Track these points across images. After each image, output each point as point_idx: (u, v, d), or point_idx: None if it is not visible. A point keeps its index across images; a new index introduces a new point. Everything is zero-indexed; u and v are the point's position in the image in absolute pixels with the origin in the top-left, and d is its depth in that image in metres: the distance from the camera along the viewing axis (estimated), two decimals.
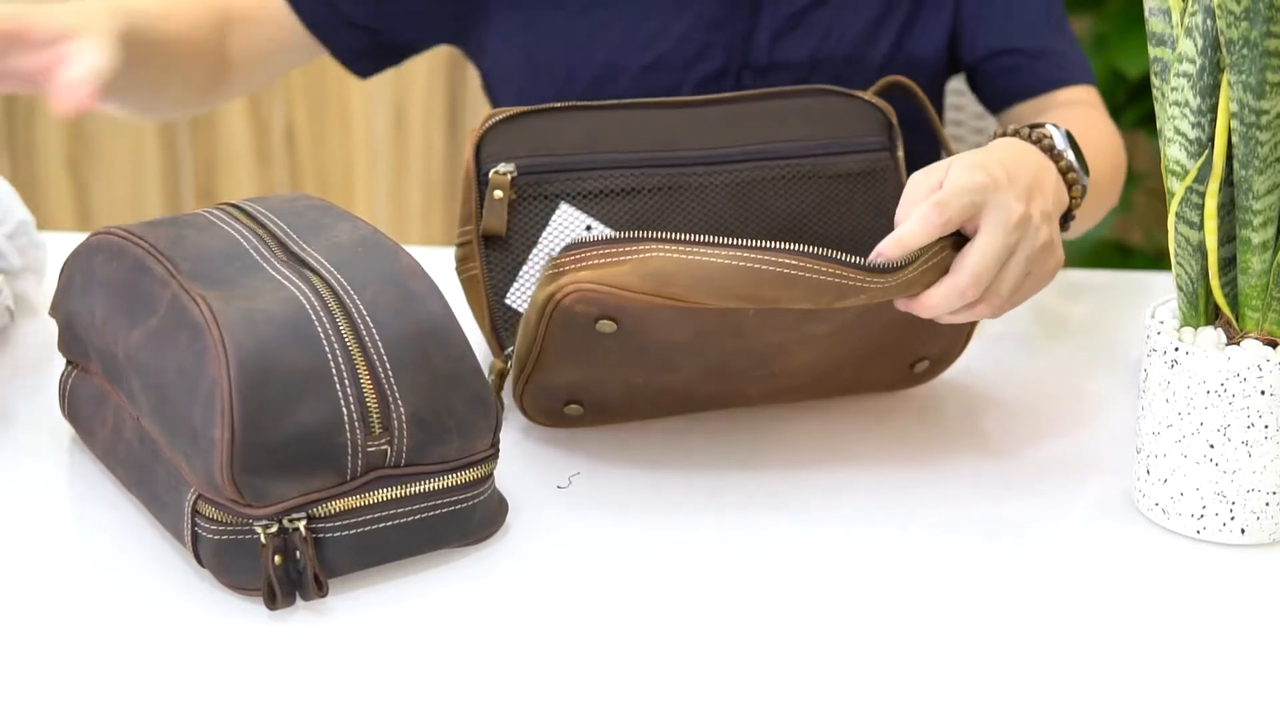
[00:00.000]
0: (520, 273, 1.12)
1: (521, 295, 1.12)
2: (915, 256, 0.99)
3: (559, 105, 1.14)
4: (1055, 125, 1.11)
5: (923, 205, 1.00)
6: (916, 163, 1.27)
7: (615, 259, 0.97)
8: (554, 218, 1.11)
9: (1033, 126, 1.10)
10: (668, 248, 0.96)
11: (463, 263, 1.15)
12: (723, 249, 0.96)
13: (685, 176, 1.13)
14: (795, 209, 1.15)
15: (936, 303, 1.01)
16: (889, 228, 1.14)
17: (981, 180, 1.01)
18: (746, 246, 0.96)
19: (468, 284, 1.15)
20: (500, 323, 1.12)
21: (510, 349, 1.11)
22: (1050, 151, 1.09)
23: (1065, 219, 1.09)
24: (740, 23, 1.35)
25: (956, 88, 1.91)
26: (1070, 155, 1.09)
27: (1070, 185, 1.09)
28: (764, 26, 1.35)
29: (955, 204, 1.00)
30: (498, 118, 1.13)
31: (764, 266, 0.96)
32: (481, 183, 1.11)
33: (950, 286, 1.01)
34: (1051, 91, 1.37)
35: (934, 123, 1.23)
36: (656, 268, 0.96)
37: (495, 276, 1.12)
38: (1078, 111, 1.34)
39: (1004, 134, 1.11)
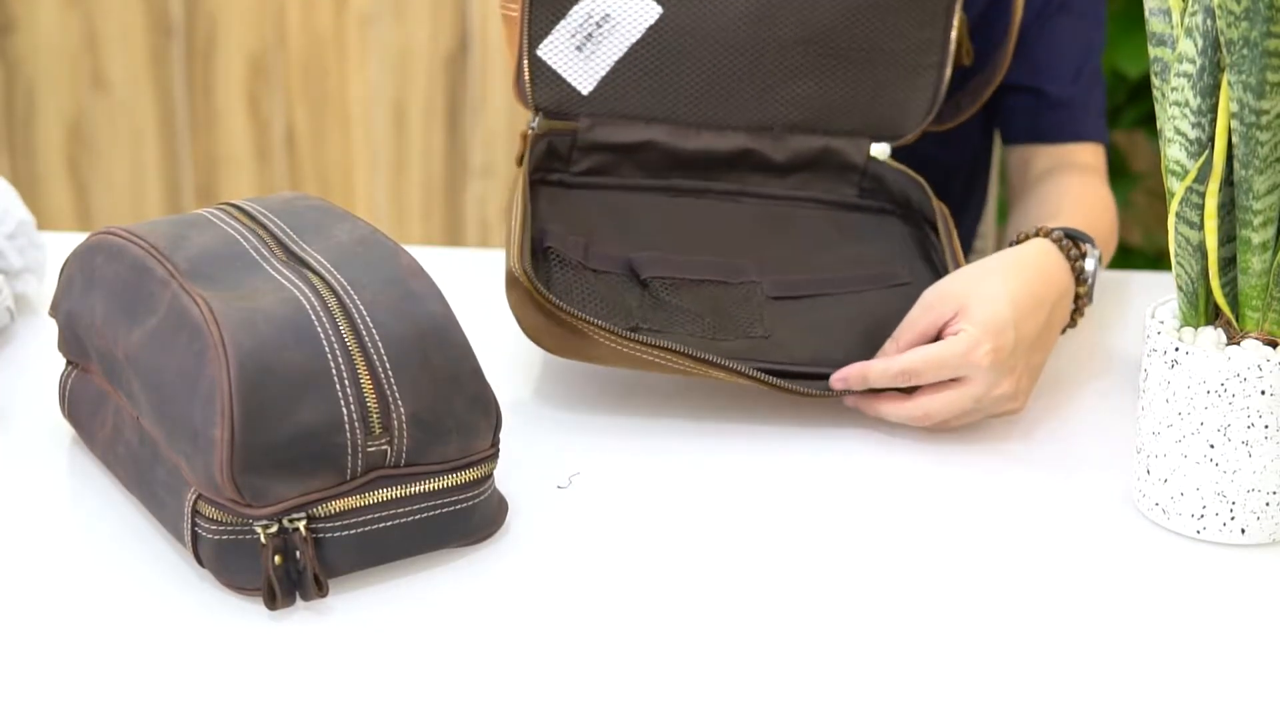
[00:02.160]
0: (557, 27, 1.13)
1: (554, 50, 1.13)
2: (837, 395, 1.10)
3: None
4: (1094, 245, 1.14)
5: (894, 366, 1.07)
6: None
7: (566, 324, 1.05)
8: None
9: (1076, 239, 1.14)
10: (613, 340, 1.05)
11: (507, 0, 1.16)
12: (657, 350, 1.05)
13: None
14: (828, 15, 1.16)
15: (885, 413, 1.11)
16: (922, 38, 1.18)
17: (979, 360, 1.07)
18: (680, 353, 1.05)
19: (508, 22, 1.16)
20: (529, 70, 1.13)
21: (537, 115, 1.14)
22: (1079, 275, 1.13)
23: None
24: None
25: None
26: (1092, 279, 1.14)
27: (1078, 307, 1.14)
28: None
29: (926, 377, 1.08)
30: None
31: (692, 371, 1.06)
32: None
33: (904, 412, 1.10)
34: (1065, 144, 1.38)
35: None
36: (594, 353, 1.06)
37: (535, 24, 1.13)
38: (1088, 184, 1.34)
39: (1056, 239, 1.13)
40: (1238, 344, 0.99)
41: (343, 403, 0.90)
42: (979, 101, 1.30)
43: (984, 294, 1.08)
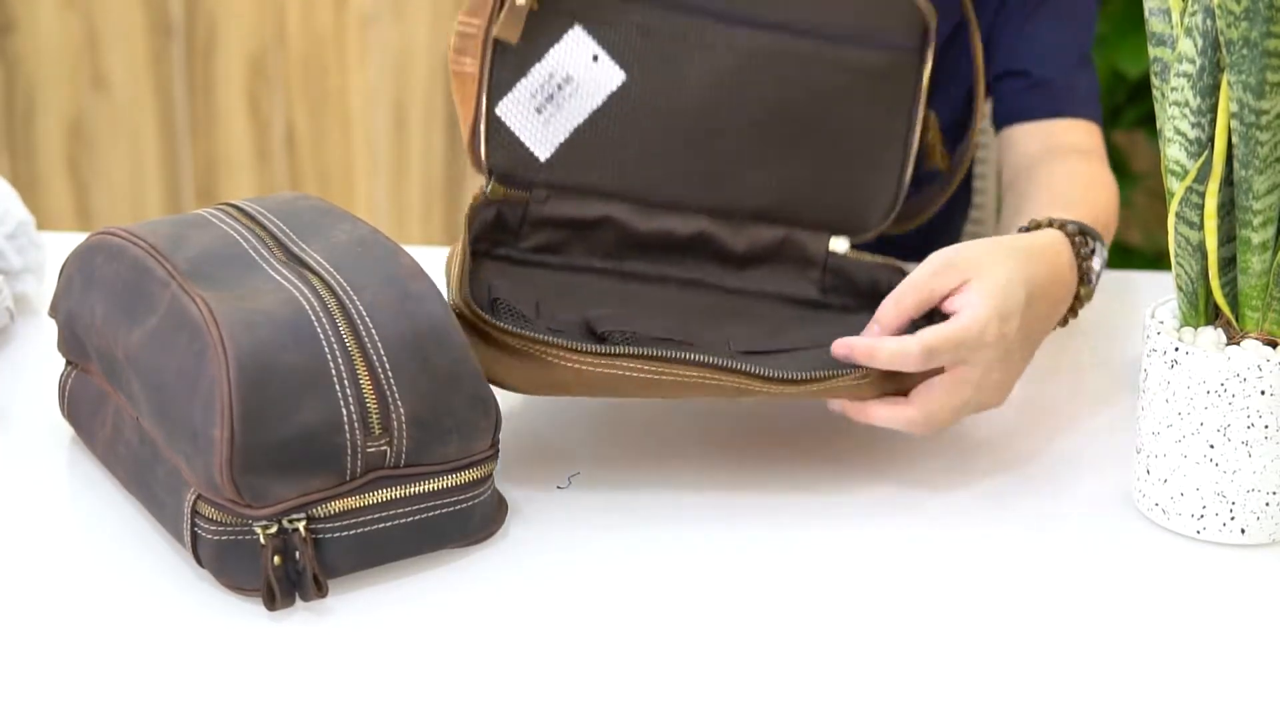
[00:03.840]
0: (517, 85, 1.09)
1: (513, 110, 1.09)
2: (827, 375, 0.99)
3: None
4: (1102, 244, 1.11)
5: (913, 346, 1.00)
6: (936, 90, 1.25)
7: (514, 351, 0.97)
8: (565, 37, 1.08)
9: (1087, 235, 1.11)
10: (571, 358, 0.96)
11: (459, 54, 1.11)
12: (622, 360, 0.96)
13: (703, 30, 1.10)
14: (792, 94, 1.12)
15: (877, 417, 1.03)
16: (886, 130, 1.13)
17: (986, 338, 1.01)
18: (647, 357, 0.96)
19: (459, 78, 1.11)
20: (486, 128, 1.09)
21: (490, 179, 1.09)
22: (1084, 275, 1.09)
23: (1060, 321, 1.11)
24: None
25: None
26: (1096, 279, 1.10)
27: (1073, 308, 1.10)
28: None
29: (942, 358, 1.01)
30: None
31: (663, 378, 0.97)
32: None
33: (901, 417, 1.02)
34: (1056, 120, 1.34)
35: (976, 68, 1.19)
36: (558, 379, 0.97)
37: (496, 80, 1.09)
38: (1091, 169, 1.30)
39: (1070, 233, 1.10)
40: (1238, 344, 0.99)
41: (342, 403, 0.90)
42: (937, 204, 1.26)
43: (997, 272, 1.03)
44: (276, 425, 0.88)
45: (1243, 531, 1.00)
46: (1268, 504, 0.99)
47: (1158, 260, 2.37)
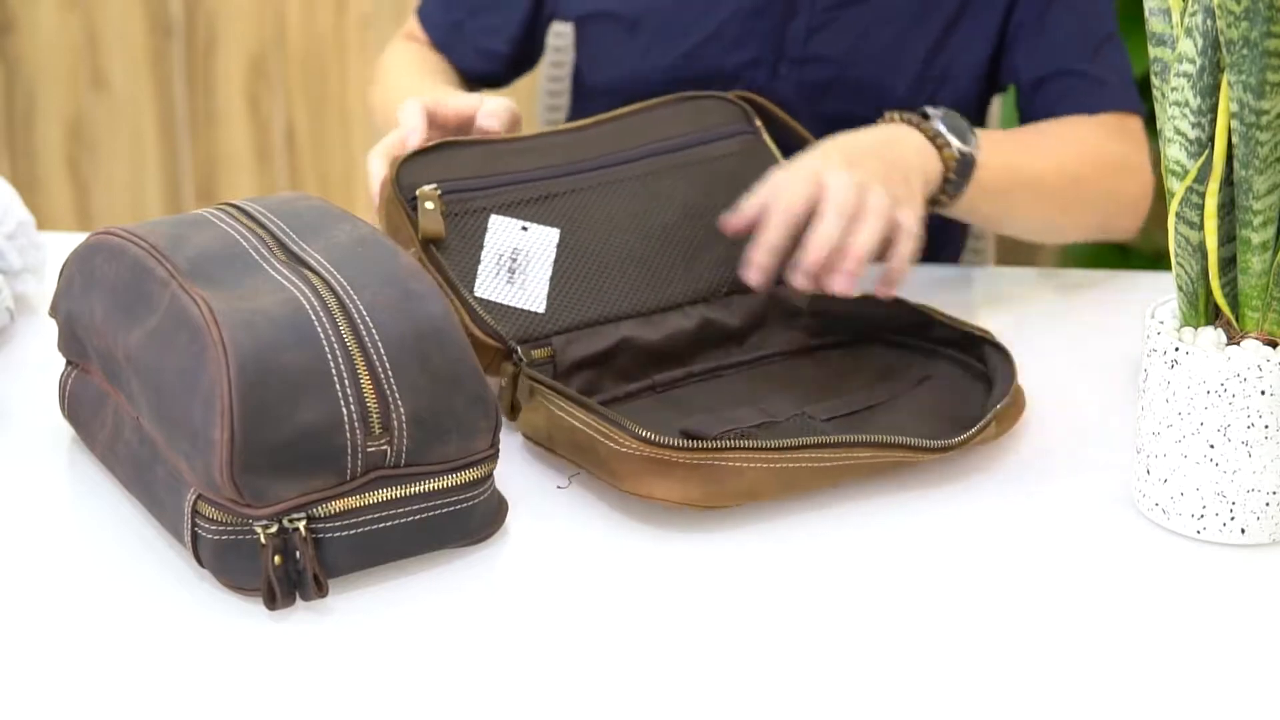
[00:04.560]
0: (479, 271, 1.13)
1: (488, 288, 1.13)
2: (974, 434, 1.06)
3: (455, 140, 1.18)
4: (948, 118, 1.23)
5: (771, 221, 1.14)
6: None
7: (698, 467, 0.99)
8: (490, 226, 1.15)
9: (927, 115, 1.24)
10: (754, 457, 0.99)
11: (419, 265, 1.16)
12: (803, 451, 1.00)
13: (591, 179, 1.20)
14: (691, 192, 1.21)
15: (760, 244, 1.15)
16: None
17: (810, 167, 1.15)
18: (822, 445, 1.01)
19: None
20: (482, 312, 1.12)
21: (518, 348, 1.12)
22: (933, 138, 1.22)
23: (954, 185, 1.23)
24: (776, 15, 1.37)
25: None
26: (940, 126, 1.22)
27: (941, 150, 1.22)
28: (800, 21, 1.37)
29: (794, 204, 1.14)
30: (405, 154, 1.16)
31: (839, 464, 1.02)
32: (410, 201, 1.14)
33: (751, 206, 1.16)
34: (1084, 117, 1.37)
35: (793, 132, 1.30)
36: (749, 485, 1.00)
37: (460, 276, 1.13)
38: (1071, 123, 1.35)
39: (903, 118, 1.24)
40: (1238, 344, 0.99)
41: (342, 403, 0.90)
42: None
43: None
44: (276, 425, 0.88)
45: (1243, 531, 0.99)
46: (1268, 504, 0.99)
47: (1158, 260, 2.37)
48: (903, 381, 1.16)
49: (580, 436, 1.02)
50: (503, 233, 1.15)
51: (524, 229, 1.15)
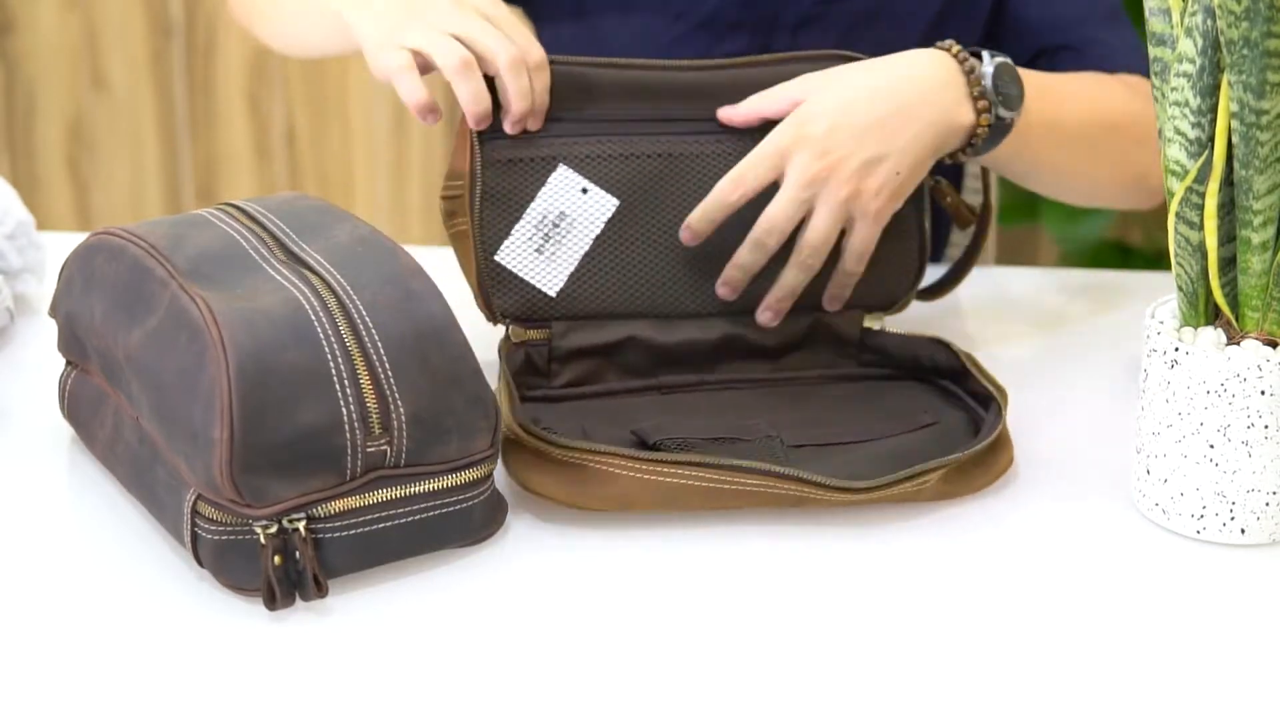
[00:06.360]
0: (513, 230, 1.10)
1: (513, 254, 1.10)
2: (889, 482, 0.99)
3: (554, 59, 1.11)
4: (993, 55, 1.12)
5: (723, 181, 1.09)
6: None
7: (572, 466, 0.98)
8: (551, 178, 1.10)
9: (973, 53, 1.13)
10: (626, 465, 0.98)
11: (450, 217, 1.12)
12: (679, 469, 0.97)
13: (681, 144, 1.12)
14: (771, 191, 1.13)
15: (735, 262, 1.10)
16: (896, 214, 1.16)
17: (779, 144, 1.08)
18: (708, 465, 0.98)
19: (456, 238, 1.12)
20: (488, 279, 1.10)
21: (507, 324, 1.10)
22: (966, 67, 1.11)
23: (977, 149, 1.13)
24: (766, 6, 1.33)
25: None
26: (989, 84, 1.11)
27: (980, 114, 1.11)
28: (790, 13, 1.33)
29: (751, 176, 1.08)
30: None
31: (725, 487, 0.99)
32: (481, 141, 1.10)
33: (745, 239, 1.09)
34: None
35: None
36: (620, 492, 0.98)
37: (488, 234, 1.10)
38: (1090, 76, 1.29)
39: (944, 47, 1.13)
40: (1238, 344, 0.99)
41: (342, 403, 0.90)
42: (968, 268, 1.25)
43: (816, 83, 1.11)
44: (276, 425, 0.88)
45: (1243, 531, 0.99)
46: (1268, 504, 0.99)
47: (1158, 260, 2.37)
48: (905, 423, 1.09)
49: (507, 428, 1.01)
50: (560, 191, 1.09)
51: (584, 191, 1.09)
